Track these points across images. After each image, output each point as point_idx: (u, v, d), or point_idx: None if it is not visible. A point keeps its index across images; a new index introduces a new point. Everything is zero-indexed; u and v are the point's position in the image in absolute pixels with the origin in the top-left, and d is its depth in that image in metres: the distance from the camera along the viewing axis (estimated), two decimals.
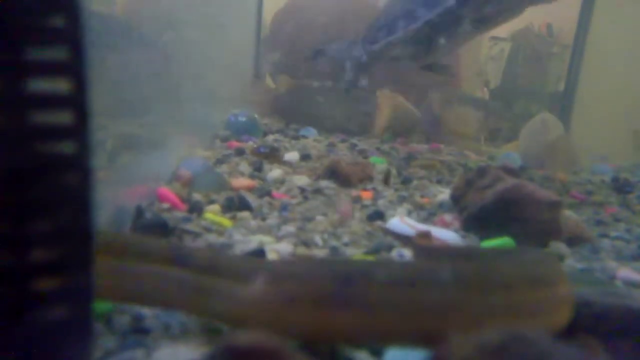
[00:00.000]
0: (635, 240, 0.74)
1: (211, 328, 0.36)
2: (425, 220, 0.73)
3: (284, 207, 0.71)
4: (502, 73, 2.11)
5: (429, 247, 0.59)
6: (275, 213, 0.69)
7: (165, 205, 0.66)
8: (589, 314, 0.37)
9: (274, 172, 0.90)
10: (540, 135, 1.40)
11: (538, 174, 1.20)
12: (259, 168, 0.92)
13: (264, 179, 0.87)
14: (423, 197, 0.85)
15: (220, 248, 0.55)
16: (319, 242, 0.60)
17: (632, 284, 0.56)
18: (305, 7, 1.85)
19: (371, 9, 1.69)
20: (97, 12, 0.55)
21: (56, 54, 0.23)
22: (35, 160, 0.23)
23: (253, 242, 0.56)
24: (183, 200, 0.69)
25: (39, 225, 0.24)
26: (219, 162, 0.96)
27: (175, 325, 0.37)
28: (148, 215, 0.59)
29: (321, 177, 0.88)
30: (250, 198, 0.72)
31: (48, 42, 0.23)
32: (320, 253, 0.57)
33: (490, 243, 0.63)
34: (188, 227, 0.59)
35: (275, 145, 1.15)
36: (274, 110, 1.64)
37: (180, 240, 0.57)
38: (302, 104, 1.58)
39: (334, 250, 0.58)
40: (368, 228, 0.67)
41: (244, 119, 1.28)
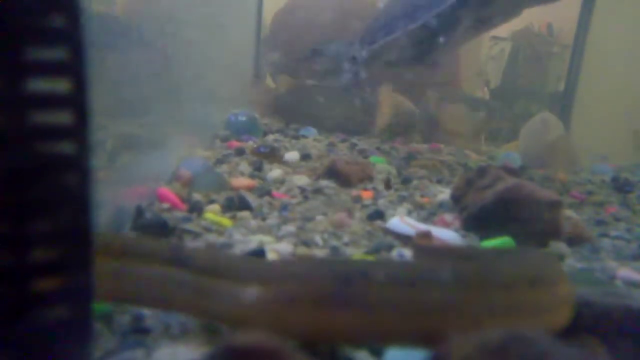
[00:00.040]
0: (636, 239, 0.74)
1: (211, 328, 0.36)
2: (426, 220, 0.73)
3: (284, 207, 0.71)
4: (503, 73, 2.11)
5: (429, 247, 0.58)
6: (275, 213, 0.69)
7: (165, 205, 0.66)
8: (589, 314, 0.37)
9: (274, 172, 0.90)
10: (541, 135, 1.40)
11: (538, 173, 1.20)
12: (259, 168, 0.92)
13: (264, 179, 0.87)
14: (423, 196, 0.85)
15: (220, 248, 0.55)
16: (319, 241, 0.60)
17: (632, 284, 0.56)
18: (305, 7, 1.85)
19: (371, 9, 1.69)
20: (97, 12, 0.55)
21: (56, 54, 0.23)
22: (35, 160, 0.23)
23: (253, 242, 0.56)
24: (183, 200, 0.69)
25: (39, 225, 0.24)
26: (219, 162, 0.96)
27: (175, 325, 0.37)
28: (148, 215, 0.59)
29: (321, 176, 0.88)
30: (250, 198, 0.72)
31: (48, 42, 0.23)
32: (320, 253, 0.57)
33: (490, 243, 0.63)
34: (188, 227, 0.59)
35: (275, 145, 1.15)
36: (274, 110, 1.64)
37: (180, 240, 0.57)
38: (302, 103, 1.58)
39: (334, 250, 0.58)
40: (368, 228, 0.67)
41: (244, 118, 1.28)
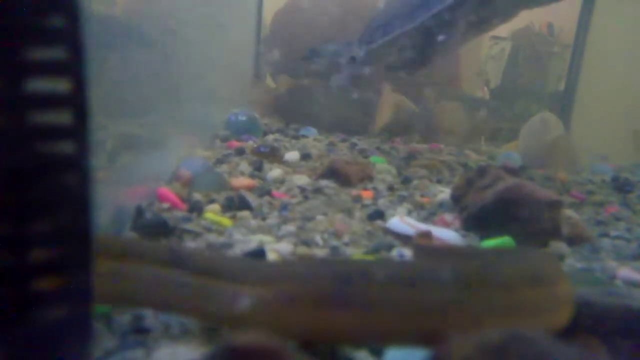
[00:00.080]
0: (636, 239, 0.74)
1: (211, 328, 0.36)
2: (426, 220, 0.73)
3: (284, 207, 0.71)
4: (503, 72, 2.11)
5: (429, 247, 0.58)
6: (276, 212, 0.69)
7: (165, 205, 0.66)
8: (589, 314, 0.37)
9: (274, 172, 0.90)
10: (541, 135, 1.40)
11: (538, 173, 1.20)
12: (259, 168, 0.92)
13: (264, 179, 0.87)
14: (423, 196, 0.85)
15: (220, 248, 0.55)
16: (319, 241, 0.60)
17: (632, 284, 0.56)
18: (305, 7, 1.85)
19: (371, 9, 1.69)
20: (97, 13, 0.55)
21: (56, 54, 0.23)
22: (35, 160, 0.23)
23: (253, 242, 0.56)
24: (183, 200, 0.69)
25: (39, 226, 0.24)
26: (219, 161, 0.96)
27: (175, 325, 0.37)
28: (148, 215, 0.59)
29: (321, 176, 0.88)
30: (251, 197, 0.72)
31: (48, 42, 0.23)
32: (320, 253, 0.57)
33: (490, 243, 0.63)
34: (188, 227, 0.59)
35: (276, 144, 1.15)
36: (274, 110, 1.64)
37: (180, 240, 0.57)
38: (302, 103, 1.58)
39: (334, 249, 0.58)
40: (368, 227, 0.67)
41: (244, 118, 1.28)
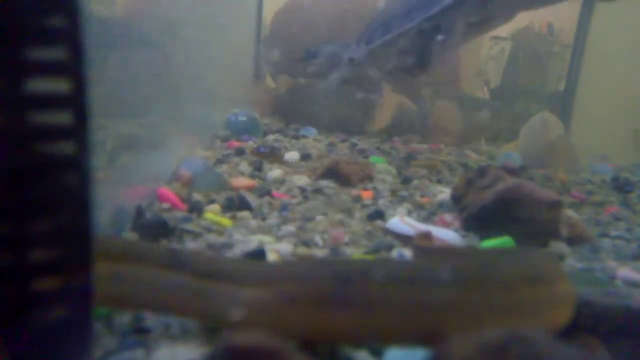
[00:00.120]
0: (636, 239, 0.74)
1: (211, 328, 0.36)
2: (426, 220, 0.73)
3: (284, 207, 0.71)
4: (503, 72, 2.11)
5: (429, 247, 0.58)
6: (275, 213, 0.69)
7: (165, 205, 0.66)
8: (589, 314, 0.37)
9: (274, 172, 0.90)
10: (541, 135, 1.40)
11: (538, 173, 1.20)
12: (259, 168, 0.92)
13: (264, 179, 0.87)
14: (423, 196, 0.85)
15: (220, 248, 0.55)
16: (319, 242, 0.60)
17: (632, 284, 0.56)
18: (305, 7, 1.85)
19: (371, 9, 1.69)
20: (97, 13, 0.55)
21: (56, 54, 0.23)
22: (35, 160, 0.23)
23: (253, 242, 0.56)
24: (183, 200, 0.69)
25: (39, 226, 0.24)
26: (219, 162, 0.96)
27: (175, 325, 0.37)
28: (148, 215, 0.59)
29: (321, 176, 0.88)
30: (250, 198, 0.72)
31: (48, 42, 0.23)
32: (320, 253, 0.57)
33: (490, 243, 0.63)
34: (188, 227, 0.59)
35: (276, 145, 1.15)
36: (274, 110, 1.64)
37: (181, 240, 0.57)
38: (302, 103, 1.58)
39: (334, 250, 0.58)
40: (368, 228, 0.67)
41: (244, 118, 1.28)
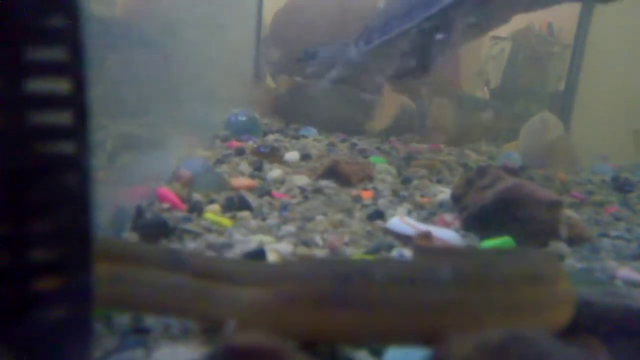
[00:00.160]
0: (636, 239, 0.74)
1: (211, 328, 0.36)
2: (426, 220, 0.73)
3: (284, 207, 0.71)
4: (503, 73, 2.11)
5: (429, 247, 0.58)
6: (275, 213, 0.69)
7: (165, 205, 0.66)
8: (589, 314, 0.37)
9: (274, 172, 0.90)
10: (540, 135, 1.40)
11: (538, 173, 1.20)
12: (259, 168, 0.92)
13: (264, 179, 0.87)
14: (423, 196, 0.85)
15: (220, 248, 0.55)
16: (319, 242, 0.60)
17: (632, 284, 0.56)
18: (305, 7, 1.85)
19: (371, 9, 1.69)
20: (97, 14, 0.55)
21: (56, 54, 0.23)
22: (35, 160, 0.23)
23: (253, 242, 0.56)
24: (183, 200, 0.69)
25: (39, 226, 0.24)
26: (219, 162, 0.96)
27: (175, 325, 0.37)
28: (148, 215, 0.59)
29: (321, 176, 0.88)
30: (250, 198, 0.72)
31: (48, 42, 0.23)
32: (320, 253, 0.57)
33: (490, 243, 0.63)
34: (188, 227, 0.59)
35: (276, 145, 1.15)
36: (274, 110, 1.64)
37: (181, 240, 0.57)
38: (302, 103, 1.58)
39: (334, 249, 0.58)
40: (368, 228, 0.67)
41: (244, 118, 1.28)
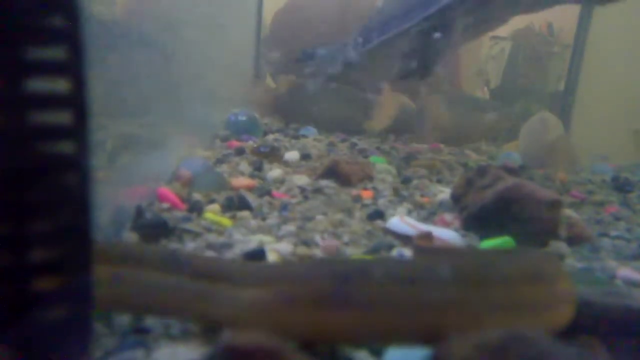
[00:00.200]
0: (636, 239, 0.74)
1: (211, 328, 0.36)
2: (426, 220, 0.73)
3: (284, 207, 0.71)
4: (503, 72, 2.11)
5: (429, 247, 0.58)
6: (275, 213, 0.69)
7: (165, 205, 0.66)
8: (589, 314, 0.37)
9: (274, 172, 0.90)
10: (540, 135, 1.40)
11: (538, 173, 1.20)
12: (259, 167, 0.92)
13: (264, 179, 0.87)
14: (423, 196, 0.85)
15: (220, 248, 0.55)
16: (319, 241, 0.60)
17: (633, 284, 0.56)
18: (305, 7, 1.85)
19: (371, 9, 1.69)
20: (98, 14, 0.55)
21: (56, 54, 0.23)
22: (35, 160, 0.23)
23: (253, 242, 0.56)
24: (183, 200, 0.69)
25: (39, 226, 0.24)
26: (219, 161, 0.96)
27: (175, 325, 0.37)
28: (148, 215, 0.60)
29: (321, 176, 0.88)
30: (250, 197, 0.72)
31: (48, 42, 0.23)
32: (320, 253, 0.57)
33: (490, 242, 0.63)
34: (188, 226, 0.59)
35: (275, 144, 1.15)
36: (274, 110, 1.64)
37: (180, 240, 0.57)
38: (302, 103, 1.58)
39: (334, 249, 0.58)
40: (368, 227, 0.67)
41: (244, 118, 1.28)
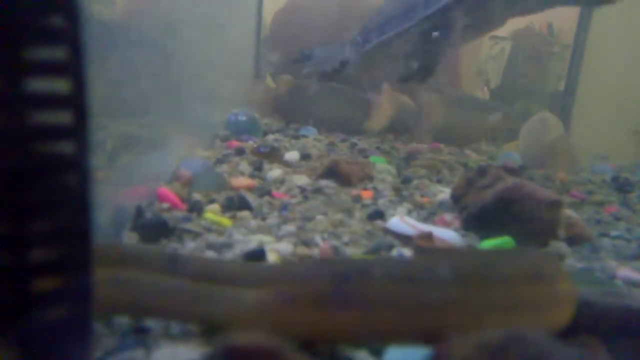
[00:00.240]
0: (636, 239, 0.74)
1: (211, 328, 0.36)
2: (425, 220, 0.73)
3: (284, 207, 0.71)
4: (503, 73, 2.11)
5: (429, 247, 0.58)
6: (275, 213, 0.69)
7: (165, 205, 0.66)
8: (589, 314, 0.37)
9: (274, 172, 0.90)
10: (540, 135, 1.40)
11: (538, 173, 1.20)
12: (259, 167, 0.92)
13: (264, 179, 0.87)
14: (423, 196, 0.85)
15: (220, 248, 0.55)
16: (319, 241, 0.60)
17: (632, 284, 0.56)
18: (305, 7, 1.85)
19: (371, 10, 1.69)
20: (98, 14, 0.55)
21: (56, 54, 0.23)
22: (35, 160, 0.23)
23: (253, 242, 0.56)
24: (183, 200, 0.69)
25: (39, 226, 0.24)
26: (219, 161, 0.96)
27: (175, 325, 0.37)
28: (148, 215, 0.60)
29: (321, 176, 0.88)
30: (250, 198, 0.72)
31: (48, 42, 0.23)
32: (327, 251, 0.57)
33: (490, 243, 0.63)
34: (188, 226, 0.59)
35: (275, 144, 1.15)
36: (274, 110, 1.64)
37: (180, 240, 0.57)
38: (302, 103, 1.58)
39: (334, 249, 0.58)
40: (368, 227, 0.67)
41: (244, 118, 1.28)
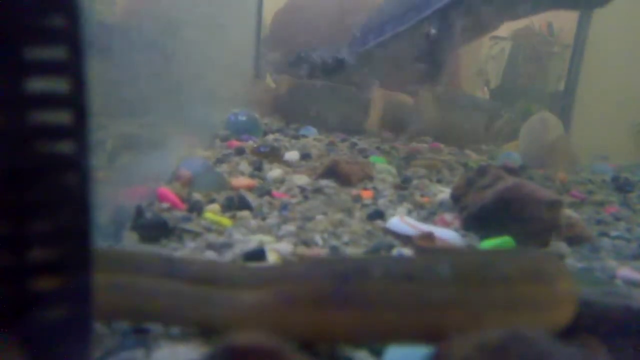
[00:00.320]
0: (636, 239, 0.74)
1: (211, 329, 0.36)
2: (426, 220, 0.73)
3: (284, 207, 0.71)
4: (503, 72, 2.11)
5: (430, 247, 0.58)
6: (275, 212, 0.69)
7: (165, 205, 0.66)
8: (589, 314, 0.37)
9: (274, 172, 0.90)
10: (540, 135, 1.40)
11: (538, 173, 1.20)
12: (259, 167, 0.92)
13: (264, 179, 0.87)
14: (423, 196, 0.85)
15: (220, 248, 0.55)
16: (319, 241, 0.60)
17: (632, 284, 0.56)
18: (305, 7, 1.85)
19: (370, 10, 1.69)
20: (98, 14, 0.55)
21: (56, 54, 0.23)
22: (35, 160, 0.23)
23: (253, 242, 0.56)
24: (183, 200, 0.69)
25: (39, 226, 0.24)
26: (219, 161, 0.96)
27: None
28: (148, 215, 0.60)
29: (321, 176, 0.88)
30: (250, 197, 0.72)
31: (48, 42, 0.23)
32: (320, 253, 0.57)
33: (490, 242, 0.63)
34: (188, 226, 0.59)
35: (276, 144, 1.15)
36: (274, 110, 1.64)
37: (180, 239, 0.57)
38: (302, 103, 1.58)
39: (334, 249, 0.58)
40: (368, 227, 0.67)
41: (244, 118, 1.28)
